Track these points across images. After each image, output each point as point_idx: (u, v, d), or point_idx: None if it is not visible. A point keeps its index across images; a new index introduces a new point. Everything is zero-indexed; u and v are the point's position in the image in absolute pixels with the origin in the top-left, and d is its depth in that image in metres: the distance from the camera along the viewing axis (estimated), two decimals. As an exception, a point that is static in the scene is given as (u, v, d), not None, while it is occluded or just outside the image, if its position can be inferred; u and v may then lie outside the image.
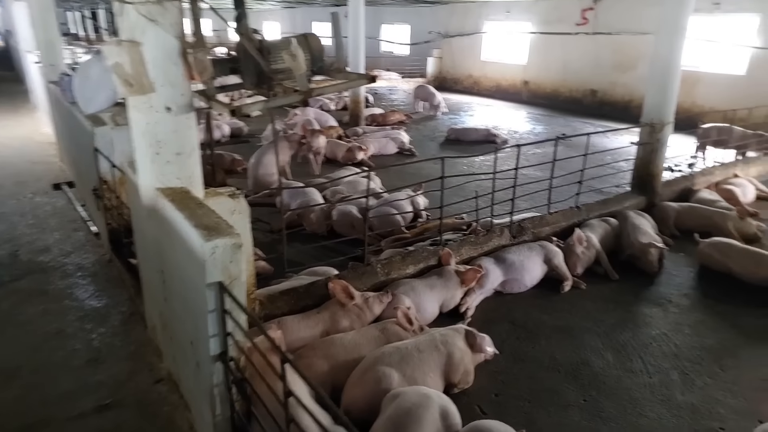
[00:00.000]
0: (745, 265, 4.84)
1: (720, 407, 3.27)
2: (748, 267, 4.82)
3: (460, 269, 4.32)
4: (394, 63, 21.93)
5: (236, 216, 3.07)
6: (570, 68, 15.89)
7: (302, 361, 3.05)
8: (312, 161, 8.04)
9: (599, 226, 5.39)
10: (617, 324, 4.21)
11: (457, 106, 15.79)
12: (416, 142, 10.37)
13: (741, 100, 11.06)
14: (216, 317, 2.27)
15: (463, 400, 3.26)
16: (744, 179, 7.44)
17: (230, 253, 2.20)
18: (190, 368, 2.73)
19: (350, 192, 6.21)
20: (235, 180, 7.63)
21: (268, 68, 2.94)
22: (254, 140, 10.04)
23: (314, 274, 4.13)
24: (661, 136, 6.17)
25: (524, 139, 11.20)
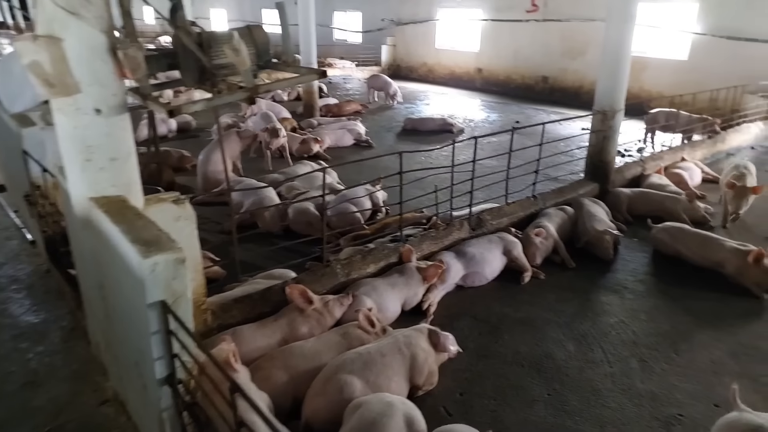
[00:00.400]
0: (695, 249, 4.97)
1: (677, 393, 3.33)
2: (697, 251, 4.95)
3: (421, 266, 4.24)
4: (348, 51, 21.61)
5: (182, 223, 2.87)
6: (521, 55, 16.05)
7: (260, 373, 2.90)
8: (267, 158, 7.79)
9: (556, 215, 5.42)
10: (577, 313, 4.24)
11: (413, 94, 15.71)
12: (373, 133, 10.24)
13: (684, 84, 11.44)
14: (160, 338, 2.09)
15: (428, 402, 3.19)
16: (691, 162, 7.68)
17: (173, 270, 2.02)
18: (137, 390, 2.53)
19: (306, 188, 6.03)
20: (184, 177, 7.31)
21: (209, 64, 2.73)
22: (204, 134, 9.67)
23: (270, 277, 3.95)
24: (612, 123, 6.26)
25: (480, 128, 11.25)
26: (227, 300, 3.44)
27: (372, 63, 20.94)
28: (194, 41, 2.64)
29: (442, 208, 5.08)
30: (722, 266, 4.74)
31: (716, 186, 7.40)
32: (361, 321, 3.35)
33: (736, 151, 9.38)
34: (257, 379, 2.83)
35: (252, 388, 2.66)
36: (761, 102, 10.48)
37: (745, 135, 9.71)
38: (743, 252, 4.60)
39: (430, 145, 9.34)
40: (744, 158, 6.69)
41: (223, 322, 3.31)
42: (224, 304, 3.38)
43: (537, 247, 4.89)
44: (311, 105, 11.48)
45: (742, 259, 4.56)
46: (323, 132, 9.24)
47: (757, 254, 4.46)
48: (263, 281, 3.82)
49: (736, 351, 3.76)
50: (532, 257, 4.86)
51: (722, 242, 4.84)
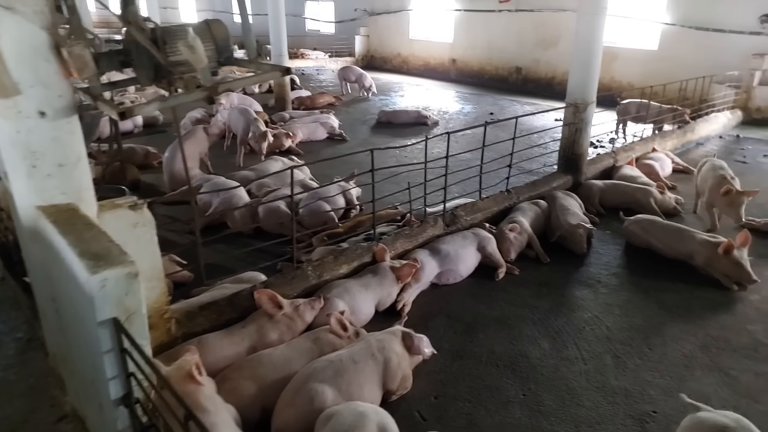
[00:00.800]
0: (666, 241, 5.00)
1: (651, 389, 3.34)
2: (668, 243, 4.99)
3: (395, 265, 4.16)
4: (321, 42, 21.33)
5: (140, 229, 2.72)
6: (495, 46, 16.04)
7: (226, 384, 2.78)
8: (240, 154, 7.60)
9: (530, 210, 5.40)
10: (552, 309, 4.22)
11: (387, 86, 15.58)
12: (347, 126, 10.11)
13: (654, 74, 11.58)
14: (114, 357, 1.97)
15: (402, 406, 3.13)
16: (662, 153, 7.76)
17: (124, 285, 1.90)
18: (94, 408, 2.40)
19: (278, 185, 5.89)
20: (150, 175, 7.09)
21: (165, 61, 2.58)
22: (172, 129, 9.40)
23: (239, 281, 3.82)
24: (585, 116, 6.26)
25: (454, 120, 11.20)
26: (192, 307, 3.30)
27: (346, 54, 20.71)
28: (148, 37, 2.49)
29: (416, 204, 5.00)
30: (693, 258, 4.79)
31: (687, 176, 7.51)
32: (333, 325, 3.25)
33: (705, 140, 9.54)
34: (224, 390, 2.72)
35: (218, 401, 2.55)
36: (728, 92, 10.68)
37: (713, 125, 9.88)
38: (713, 244, 4.64)
39: (405, 138, 9.30)
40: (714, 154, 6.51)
41: (188, 331, 3.17)
42: (189, 312, 3.25)
43: (511, 242, 4.86)
44: (283, 98, 11.26)
45: (713, 251, 4.61)
46: (296, 126, 9.07)
47: (727, 246, 4.51)
48: (231, 286, 3.68)
49: (707, 344, 3.79)
50: (507, 253, 4.83)
51: (693, 234, 4.88)
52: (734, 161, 8.31)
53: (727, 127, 10.35)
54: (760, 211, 6.12)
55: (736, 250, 4.50)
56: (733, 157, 8.57)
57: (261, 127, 7.40)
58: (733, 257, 4.49)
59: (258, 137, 7.35)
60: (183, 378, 2.49)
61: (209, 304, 3.34)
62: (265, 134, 7.36)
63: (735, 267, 4.49)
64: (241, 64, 3.04)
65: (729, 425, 2.39)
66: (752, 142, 9.55)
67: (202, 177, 6.12)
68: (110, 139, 6.23)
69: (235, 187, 5.14)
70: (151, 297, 2.89)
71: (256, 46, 3.02)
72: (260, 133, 7.34)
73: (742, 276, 4.47)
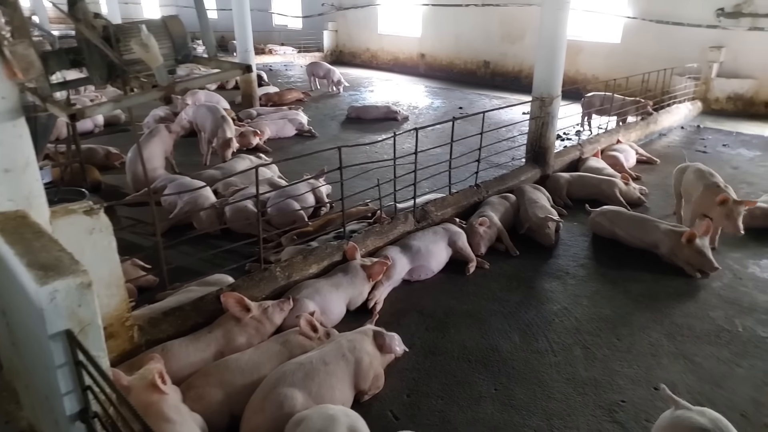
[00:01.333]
0: (631, 232, 5.10)
1: (619, 378, 3.39)
2: (633, 233, 5.08)
3: (366, 263, 4.12)
4: (289, 37, 21.07)
5: (96, 235, 2.62)
6: (463, 40, 16.11)
7: (192, 392, 2.71)
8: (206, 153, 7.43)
9: (499, 204, 5.44)
10: (521, 302, 4.25)
11: (357, 81, 15.49)
12: (316, 122, 10.02)
13: (617, 67, 11.82)
14: (68, 371, 1.88)
15: (375, 406, 3.10)
16: (626, 144, 7.92)
17: (77, 296, 1.80)
18: (50, 424, 2.29)
19: (245, 184, 5.78)
20: (113, 176, 6.89)
21: (119, 60, 2.47)
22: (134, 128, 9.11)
23: (206, 284, 3.73)
24: (551, 109, 6.33)
25: (424, 115, 11.20)
26: (156, 313, 3.20)
27: (314, 49, 20.51)
28: (99, 35, 2.38)
29: (386, 201, 4.97)
30: (657, 247, 4.89)
31: (651, 167, 7.69)
32: (302, 327, 3.20)
33: (667, 131, 9.77)
34: (190, 398, 2.65)
35: (183, 410, 2.48)
36: (689, 83, 10.96)
37: (675, 116, 10.13)
38: (677, 233, 4.75)
39: (375, 134, 9.26)
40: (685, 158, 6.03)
41: (152, 338, 3.07)
42: (152, 318, 3.15)
43: (481, 236, 4.88)
44: (250, 94, 11.08)
45: (676, 240, 4.71)
46: (263, 123, 8.93)
47: (689, 235, 4.62)
48: (197, 289, 3.59)
49: (672, 332, 3.87)
50: (477, 247, 4.85)
51: (657, 224, 4.98)
52: (695, 151, 8.55)
53: (688, 118, 10.64)
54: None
55: (698, 239, 4.61)
56: (694, 147, 8.81)
57: (227, 134, 7.12)
58: (696, 246, 4.60)
59: (221, 144, 7.11)
60: (146, 388, 2.41)
61: (174, 310, 3.24)
62: (229, 142, 7.09)
63: (697, 255, 4.60)
64: (201, 62, 2.96)
65: (706, 426, 2.35)
66: (712, 132, 9.83)
67: (167, 177, 5.96)
68: (68, 139, 6.00)
69: (200, 188, 5.02)
70: (111, 305, 2.79)
71: (215, 43, 2.93)
72: (224, 140, 7.08)
73: (705, 264, 4.59)
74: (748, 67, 11.15)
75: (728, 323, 3.97)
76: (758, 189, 6.69)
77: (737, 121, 10.59)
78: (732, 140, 9.25)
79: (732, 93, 11.34)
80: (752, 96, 11.23)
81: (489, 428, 2.97)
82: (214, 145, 7.26)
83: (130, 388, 2.40)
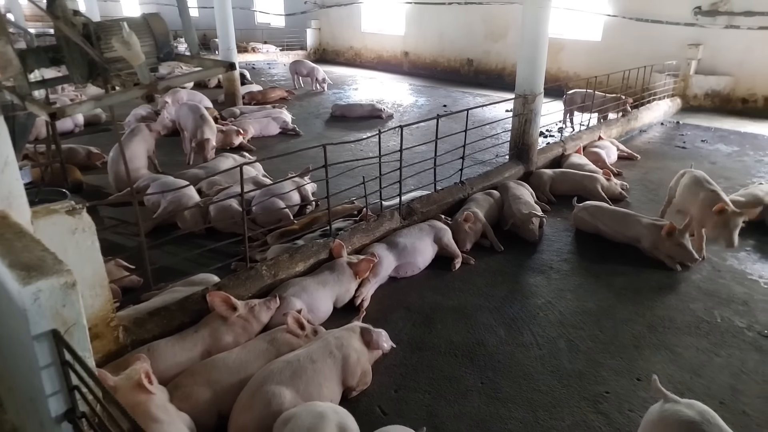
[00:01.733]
0: (613, 226, 5.18)
1: (603, 370, 3.45)
2: (615, 227, 5.17)
3: (352, 260, 4.13)
4: (272, 35, 20.95)
5: (79, 235, 2.59)
6: (446, 38, 16.17)
7: (179, 392, 2.70)
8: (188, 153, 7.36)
9: (483, 200, 5.48)
10: (507, 297, 4.30)
11: (341, 79, 15.47)
12: (300, 121, 9.99)
13: (598, 64, 11.97)
14: (54, 372, 1.86)
15: (363, 402, 3.12)
16: (607, 141, 8.03)
17: (61, 296, 1.79)
18: (34, 427, 2.27)
19: (229, 183, 5.74)
20: (94, 176, 6.80)
21: (100, 57, 2.45)
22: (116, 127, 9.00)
23: (191, 284, 3.70)
24: (533, 106, 6.39)
25: (408, 113, 11.23)
26: (141, 313, 3.17)
27: (297, 47, 20.43)
28: (79, 33, 2.36)
29: (372, 199, 4.99)
30: (639, 241, 4.98)
31: (632, 163, 7.81)
32: (290, 325, 3.21)
33: (647, 127, 9.93)
34: (177, 398, 2.64)
35: (171, 410, 2.47)
36: (668, 80, 11.15)
37: (655, 112, 10.29)
38: (658, 227, 4.84)
39: (360, 132, 9.26)
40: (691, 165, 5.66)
41: (137, 338, 3.05)
42: (138, 318, 3.12)
43: (466, 232, 4.92)
44: (233, 93, 11.00)
45: (657, 234, 4.80)
46: (247, 121, 8.88)
47: (669, 228, 4.71)
48: (183, 289, 3.57)
49: (654, 324, 3.95)
50: (462, 243, 4.89)
51: (638, 218, 5.07)
52: (675, 147, 8.70)
53: (668, 114, 10.82)
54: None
55: (678, 232, 4.70)
56: (673, 143, 8.97)
57: (205, 134, 7.04)
58: (676, 238, 4.69)
59: (199, 145, 7.01)
60: (132, 388, 2.40)
61: (159, 310, 3.22)
62: (205, 143, 7.00)
63: (678, 248, 4.69)
64: (183, 60, 2.94)
65: (695, 419, 2.34)
66: (690, 128, 10.01)
67: (150, 176, 5.90)
68: (48, 139, 5.91)
69: (183, 186, 4.98)
70: (96, 305, 2.77)
71: (197, 41, 2.92)
72: (201, 141, 7.00)
73: (685, 256, 4.68)
74: (725, 64, 11.37)
75: (707, 314, 4.06)
76: (735, 183, 6.84)
77: (715, 118, 10.80)
78: (710, 136, 9.43)
79: (710, 90, 11.56)
80: (729, 93, 11.46)
81: (476, 421, 3.01)
82: (194, 145, 7.20)
83: (116, 388, 2.38)
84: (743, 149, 8.62)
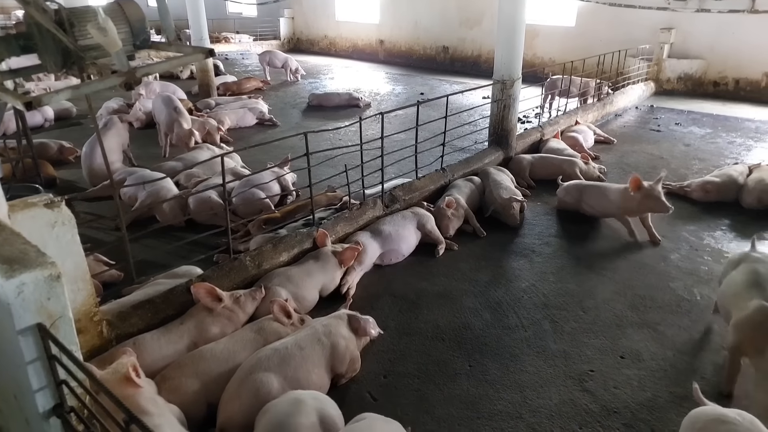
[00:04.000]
0: (591, 202, 5.30)
1: (587, 349, 3.52)
2: (592, 203, 5.29)
3: (337, 249, 4.12)
4: (244, 25, 20.59)
5: (59, 229, 2.53)
6: (422, 26, 16.12)
7: (167, 384, 2.66)
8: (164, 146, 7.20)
9: (465, 186, 5.51)
10: (491, 281, 4.34)
11: (316, 69, 15.31)
12: (277, 111, 9.88)
13: (573, 50, 12.07)
14: (40, 367, 1.81)
15: (353, 388, 3.13)
16: (584, 125, 8.13)
17: (45, 289, 1.74)
18: (19, 424, 2.22)
19: (208, 174, 5.66)
20: (68, 171, 6.63)
21: (74, 45, 2.38)
22: (88, 122, 8.79)
23: (174, 276, 3.64)
24: (512, 92, 6.43)
25: (386, 101, 11.19)
26: (125, 307, 3.11)
27: (270, 37, 20.13)
28: (51, 20, 2.28)
29: (354, 187, 4.96)
30: (614, 210, 5.07)
31: (609, 146, 7.93)
32: (275, 313, 3.18)
33: (622, 111, 10.08)
34: (165, 390, 2.60)
35: (160, 402, 2.43)
36: (642, 65, 11.32)
37: (629, 96, 10.46)
38: (625, 188, 4.94)
39: (338, 121, 9.20)
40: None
41: (122, 332, 3.00)
42: (122, 312, 3.06)
43: (449, 218, 4.94)
44: (207, 84, 10.78)
45: (626, 194, 4.91)
46: (223, 112, 8.74)
47: (634, 180, 4.81)
48: (166, 281, 3.51)
49: (635, 303, 4.03)
50: (446, 229, 4.91)
51: (609, 186, 5.24)
52: (650, 130, 8.86)
53: (642, 98, 11.00)
54: (674, 176, 6.57)
55: (645, 183, 4.78)
56: (648, 126, 9.13)
57: (184, 126, 6.88)
58: (645, 190, 4.76)
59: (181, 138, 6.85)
60: (119, 382, 2.36)
61: (143, 303, 3.17)
62: (189, 133, 6.86)
63: (650, 200, 4.75)
64: (160, 48, 2.87)
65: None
66: (664, 112, 10.20)
67: (125, 170, 5.77)
68: (18, 134, 5.72)
69: (161, 179, 4.88)
70: (78, 299, 2.71)
71: (174, 28, 2.85)
72: (182, 133, 6.86)
73: (659, 206, 4.74)
74: (697, 48, 11.59)
75: (687, 293, 4.17)
76: (709, 165, 7.00)
77: (688, 101, 11.03)
78: (684, 119, 9.63)
79: (682, 73, 11.78)
80: (701, 76, 11.70)
81: (465, 403, 3.04)
82: (174, 141, 7.04)
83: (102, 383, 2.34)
84: (716, 131, 8.83)
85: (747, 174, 6.00)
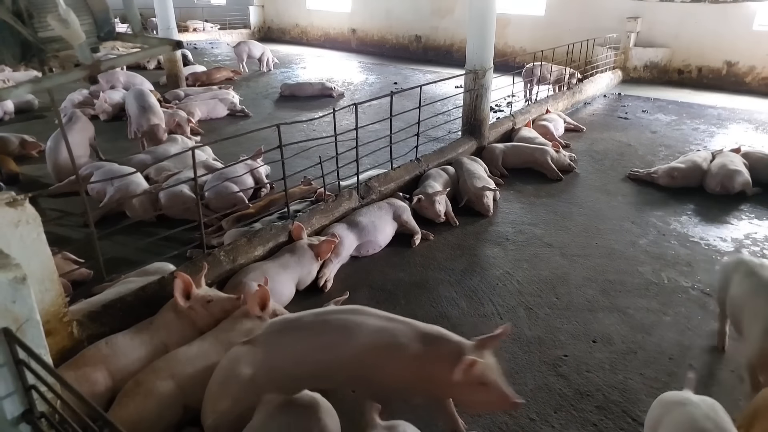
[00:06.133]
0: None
1: (560, 335, 3.59)
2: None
3: (313, 242, 4.09)
4: (212, 14, 20.13)
5: (23, 228, 2.44)
6: (394, 15, 16.04)
7: (141, 388, 2.60)
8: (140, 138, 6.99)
9: (439, 176, 5.53)
10: (466, 270, 4.39)
11: (288, 58, 15.11)
12: (249, 101, 9.73)
13: (542, 39, 12.19)
14: (7, 372, 1.76)
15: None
16: (555, 114, 8.24)
17: (10, 292, 1.69)
18: (-11, 431, 2.15)
19: (179, 168, 5.54)
20: (31, 166, 6.42)
21: (34, 37, 2.28)
22: (51, 115, 8.50)
23: (145, 273, 3.56)
24: (484, 81, 6.46)
25: (360, 91, 11.13)
26: (96, 306, 3.03)
27: (240, 26, 19.75)
28: (8, 10, 2.18)
29: (329, 179, 4.94)
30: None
31: (579, 134, 8.06)
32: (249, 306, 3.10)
33: (591, 99, 10.25)
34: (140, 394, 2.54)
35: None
36: (609, 53, 11.51)
37: (598, 85, 10.63)
38: None
39: (311, 111, 9.12)
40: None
41: (93, 332, 2.92)
42: (92, 312, 2.99)
43: (438, 204, 4.98)
44: (176, 74, 10.55)
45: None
46: (193, 104, 8.56)
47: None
48: (137, 279, 3.43)
49: (606, 288, 4.13)
50: (437, 216, 4.97)
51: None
52: (618, 118, 9.04)
53: (610, 86, 11.20)
54: (642, 162, 6.72)
55: None
56: (616, 114, 9.31)
57: (151, 121, 6.64)
58: None
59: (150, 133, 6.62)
60: None
61: (114, 302, 3.09)
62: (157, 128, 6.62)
63: None
64: (125, 40, 2.78)
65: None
66: (631, 99, 10.41)
67: (92, 164, 5.61)
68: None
69: (130, 174, 4.76)
70: (46, 300, 2.63)
71: (140, 18, 2.76)
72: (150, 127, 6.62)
73: None
74: (662, 36, 11.84)
75: (655, 276, 4.29)
76: (675, 151, 7.19)
77: (654, 88, 11.28)
78: (650, 106, 9.84)
79: (648, 61, 12.02)
80: (666, 64, 11.96)
81: (443, 392, 3.07)
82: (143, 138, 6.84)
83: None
84: (681, 118, 9.06)
85: (710, 160, 6.19)
